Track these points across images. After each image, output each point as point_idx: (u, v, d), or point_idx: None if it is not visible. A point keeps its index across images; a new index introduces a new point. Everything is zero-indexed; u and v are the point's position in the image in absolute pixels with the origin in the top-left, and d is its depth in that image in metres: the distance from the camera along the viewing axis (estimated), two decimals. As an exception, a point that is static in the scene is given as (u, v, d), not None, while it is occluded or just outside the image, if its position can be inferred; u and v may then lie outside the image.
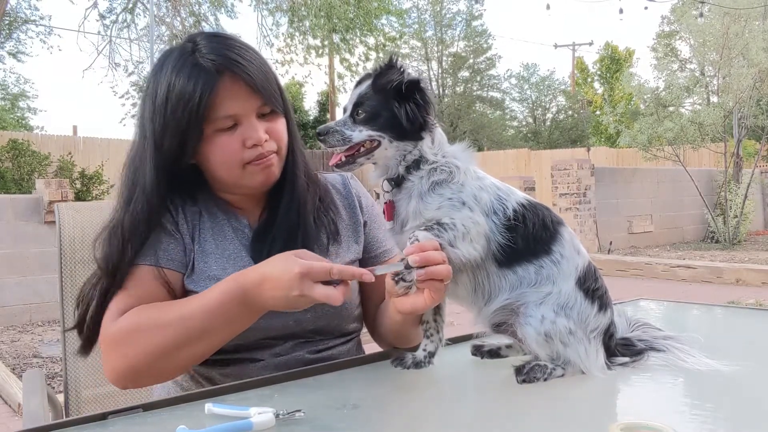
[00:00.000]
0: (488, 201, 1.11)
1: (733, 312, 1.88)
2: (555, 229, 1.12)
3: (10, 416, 3.87)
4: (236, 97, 1.19)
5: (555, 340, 1.07)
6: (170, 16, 15.47)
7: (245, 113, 1.20)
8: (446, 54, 35.14)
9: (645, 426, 0.82)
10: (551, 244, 1.11)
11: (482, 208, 1.10)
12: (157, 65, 1.25)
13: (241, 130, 1.20)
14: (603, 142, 29.71)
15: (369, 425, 0.94)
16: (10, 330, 5.99)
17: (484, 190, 1.12)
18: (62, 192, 6.40)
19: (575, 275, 1.10)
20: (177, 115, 1.17)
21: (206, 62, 1.17)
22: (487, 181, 1.14)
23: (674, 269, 8.76)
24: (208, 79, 1.16)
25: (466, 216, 1.08)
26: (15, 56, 18.77)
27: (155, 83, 1.21)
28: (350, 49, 16.40)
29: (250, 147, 1.21)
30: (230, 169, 1.22)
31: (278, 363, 1.26)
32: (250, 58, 1.21)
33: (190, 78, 1.16)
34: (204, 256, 1.26)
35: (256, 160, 1.22)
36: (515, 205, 1.12)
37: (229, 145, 1.20)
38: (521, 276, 1.10)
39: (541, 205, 1.16)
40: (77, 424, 0.94)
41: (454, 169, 1.11)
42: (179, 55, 1.21)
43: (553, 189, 10.99)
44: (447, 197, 1.10)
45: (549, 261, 1.10)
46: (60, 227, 1.56)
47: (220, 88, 1.17)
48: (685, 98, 13.50)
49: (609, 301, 1.13)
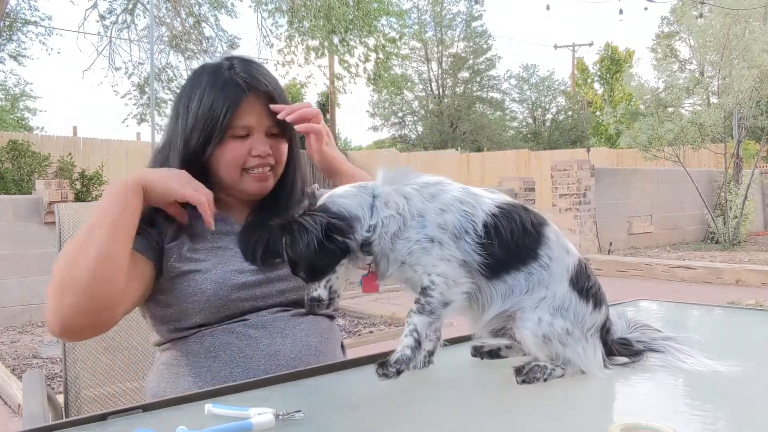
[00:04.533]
0: (454, 222, 1.06)
1: (733, 312, 1.88)
2: (538, 231, 1.10)
3: (10, 417, 3.87)
4: (255, 113, 1.40)
5: (554, 341, 1.07)
6: (170, 17, 15.47)
7: (258, 128, 1.41)
8: (446, 55, 35.15)
9: (645, 426, 0.82)
10: (537, 249, 1.08)
11: (451, 233, 1.06)
12: (195, 73, 1.46)
13: (251, 141, 1.41)
14: (603, 142, 29.72)
15: (369, 426, 0.94)
16: (10, 330, 5.99)
17: (446, 211, 1.07)
18: (62, 193, 6.41)
19: (567, 276, 1.09)
20: (207, 119, 1.38)
21: (239, 79, 1.39)
22: (445, 197, 1.08)
23: (674, 270, 8.76)
24: (237, 92, 1.38)
25: (438, 258, 1.05)
26: (15, 59, 18.76)
27: (192, 88, 1.42)
28: (350, 50, 16.40)
29: (254, 156, 1.40)
30: (232, 171, 1.41)
31: (264, 321, 1.37)
32: (274, 86, 1.43)
33: (223, 90, 1.38)
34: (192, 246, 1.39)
35: (256, 167, 1.41)
36: (485, 218, 1.07)
37: (239, 150, 1.40)
38: (512, 285, 1.08)
39: (516, 209, 1.11)
40: (77, 425, 0.94)
41: (402, 212, 1.07)
42: (217, 69, 1.42)
43: (553, 190, 10.99)
44: (414, 240, 1.06)
45: (538, 266, 1.08)
46: (60, 228, 1.56)
47: (245, 102, 1.38)
48: (685, 99, 13.50)
49: (603, 297, 1.13)
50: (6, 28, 15.59)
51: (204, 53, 15.92)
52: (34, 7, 19.78)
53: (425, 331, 1.05)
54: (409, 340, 1.05)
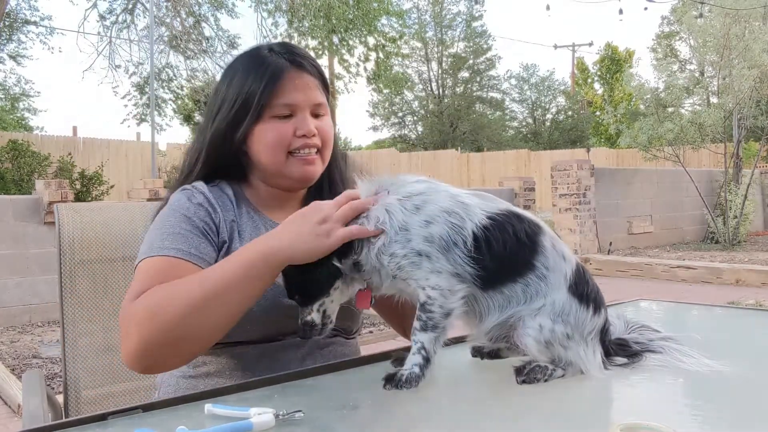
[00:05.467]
0: (441, 233, 1.03)
1: (733, 312, 1.88)
2: (533, 241, 1.07)
3: (10, 417, 3.87)
4: (298, 89, 1.29)
5: (555, 345, 1.07)
6: (170, 17, 15.47)
7: (302, 106, 1.30)
8: (446, 54, 35.17)
9: (645, 426, 0.82)
10: (533, 259, 1.07)
11: (439, 246, 1.03)
12: (231, 62, 1.38)
13: (295, 120, 1.30)
14: (603, 142, 29.73)
15: (369, 426, 0.94)
16: (10, 330, 5.99)
17: (432, 223, 1.04)
18: (62, 192, 6.40)
19: (566, 284, 1.08)
20: (241, 96, 1.28)
21: (278, 58, 1.30)
22: (431, 208, 1.05)
23: (674, 270, 8.76)
24: (278, 67, 1.28)
25: (429, 272, 1.04)
26: (15, 59, 18.76)
27: (226, 76, 1.34)
28: (350, 50, 16.40)
29: (299, 136, 1.29)
30: (276, 154, 1.30)
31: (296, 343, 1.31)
32: (315, 64, 1.34)
33: (262, 67, 1.29)
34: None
35: (301, 149, 1.30)
36: (475, 230, 1.04)
37: (282, 130, 1.29)
38: (509, 295, 1.07)
39: (509, 219, 1.07)
40: (77, 425, 0.94)
41: (383, 225, 1.05)
42: (255, 52, 1.34)
43: (552, 189, 10.98)
44: (401, 255, 1.04)
45: (534, 277, 1.06)
46: (60, 228, 1.56)
47: (286, 78, 1.28)
48: (685, 99, 13.50)
49: (602, 300, 1.12)
50: (6, 28, 15.59)
51: (204, 53, 15.93)
52: (34, 7, 19.79)
53: (433, 347, 1.05)
54: (418, 358, 1.04)
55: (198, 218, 1.26)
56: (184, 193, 1.31)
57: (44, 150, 11.74)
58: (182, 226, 1.24)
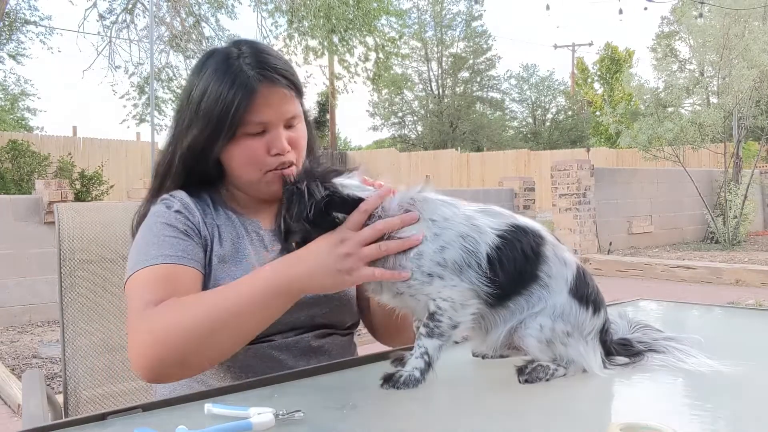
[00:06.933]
0: (455, 258, 1.04)
1: (733, 312, 1.88)
2: (536, 253, 1.08)
3: (10, 417, 3.87)
4: (271, 105, 1.26)
5: (556, 344, 1.07)
6: (170, 17, 15.47)
7: (275, 123, 1.28)
8: (446, 54, 35.20)
9: (645, 426, 0.82)
10: (536, 271, 1.08)
11: (451, 269, 1.04)
12: (199, 63, 1.33)
13: (268, 138, 1.28)
14: (603, 142, 29.72)
15: (368, 426, 0.94)
16: (10, 330, 5.99)
17: (447, 248, 1.04)
18: (62, 192, 6.40)
19: (567, 288, 1.09)
20: (213, 113, 1.25)
21: (249, 70, 1.25)
22: (448, 235, 1.05)
23: (674, 270, 8.76)
24: (249, 85, 1.24)
25: (441, 287, 1.04)
26: (15, 58, 18.75)
27: (195, 79, 1.30)
28: (350, 50, 16.39)
29: (273, 155, 1.28)
30: (251, 172, 1.30)
31: (288, 343, 1.32)
32: (286, 73, 1.29)
33: (234, 82, 1.24)
34: (222, 256, 1.31)
35: (277, 168, 1.29)
36: (489, 251, 1.05)
37: (255, 149, 1.28)
38: (513, 309, 1.08)
39: (516, 235, 1.07)
40: (76, 425, 0.94)
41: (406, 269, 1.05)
42: (224, 58, 1.28)
43: (552, 189, 10.98)
44: (413, 277, 1.05)
45: (537, 286, 1.07)
46: (59, 228, 1.56)
47: (258, 96, 1.25)
48: (684, 99, 13.50)
49: (602, 301, 1.13)
50: (6, 27, 15.59)
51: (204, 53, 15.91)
52: (33, 7, 19.80)
53: (436, 354, 1.06)
54: (420, 363, 1.05)
55: (179, 222, 1.28)
56: (163, 203, 1.32)
57: (44, 150, 11.75)
58: (165, 233, 1.26)
